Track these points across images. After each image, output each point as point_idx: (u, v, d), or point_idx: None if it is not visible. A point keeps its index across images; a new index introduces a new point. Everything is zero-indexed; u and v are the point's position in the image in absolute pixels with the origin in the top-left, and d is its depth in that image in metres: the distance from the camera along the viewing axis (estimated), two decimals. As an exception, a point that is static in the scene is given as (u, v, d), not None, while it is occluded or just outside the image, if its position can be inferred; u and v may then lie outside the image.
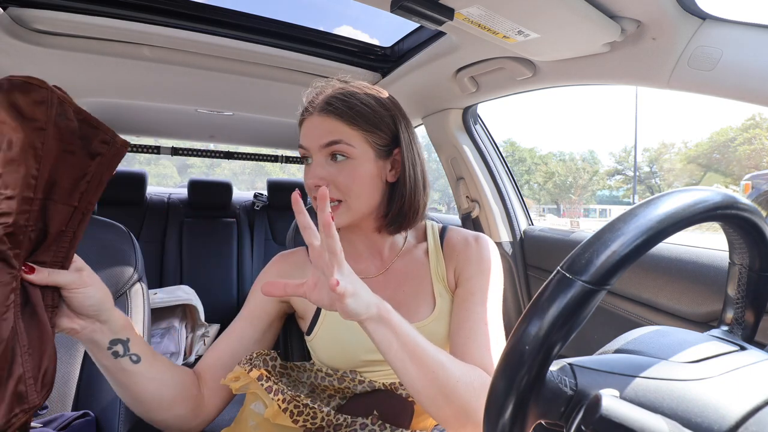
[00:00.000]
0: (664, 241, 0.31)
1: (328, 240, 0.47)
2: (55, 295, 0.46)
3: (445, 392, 0.51)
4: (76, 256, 0.47)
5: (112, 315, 0.50)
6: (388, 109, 0.67)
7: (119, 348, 0.51)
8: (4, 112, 0.38)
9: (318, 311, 0.70)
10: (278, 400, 0.59)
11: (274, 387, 0.60)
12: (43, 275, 0.43)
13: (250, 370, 0.61)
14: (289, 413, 0.58)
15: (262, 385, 0.60)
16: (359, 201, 0.65)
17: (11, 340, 0.39)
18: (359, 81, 0.71)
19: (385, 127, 0.66)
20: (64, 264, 0.46)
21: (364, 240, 0.73)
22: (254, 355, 0.65)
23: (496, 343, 0.61)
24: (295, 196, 0.49)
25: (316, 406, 0.60)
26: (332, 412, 0.61)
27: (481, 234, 0.74)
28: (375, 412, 0.62)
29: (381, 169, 0.67)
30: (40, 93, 0.39)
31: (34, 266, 0.43)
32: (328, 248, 0.48)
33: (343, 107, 0.63)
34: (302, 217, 0.49)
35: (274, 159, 2.49)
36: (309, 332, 0.70)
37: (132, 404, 0.57)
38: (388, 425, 0.61)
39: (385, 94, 0.70)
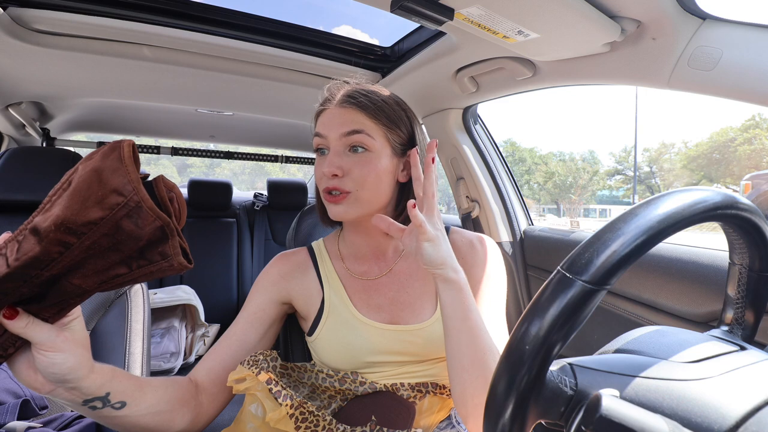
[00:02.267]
0: (664, 241, 0.31)
1: (425, 181, 0.57)
2: (17, 338, 0.40)
3: (486, 376, 0.53)
4: (74, 311, 0.42)
5: (83, 383, 0.44)
6: (405, 110, 0.69)
7: (97, 403, 0.47)
8: (88, 170, 0.35)
9: (320, 312, 0.69)
10: (287, 405, 0.58)
11: (283, 392, 0.59)
12: (20, 324, 0.38)
13: (258, 372, 0.60)
14: (295, 419, 0.58)
15: (271, 390, 0.59)
16: (369, 194, 0.65)
17: None
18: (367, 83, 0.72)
19: (404, 126, 0.68)
20: (51, 317, 0.40)
21: (369, 242, 0.73)
22: (260, 357, 0.64)
23: (502, 345, 0.61)
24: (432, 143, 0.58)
25: (320, 414, 0.60)
26: (333, 420, 0.60)
27: (482, 235, 0.75)
28: (373, 418, 0.61)
29: (395, 167, 0.67)
30: (123, 187, 0.35)
31: (18, 311, 0.38)
32: (424, 189, 0.57)
33: (366, 101, 0.65)
34: (416, 170, 0.59)
35: (274, 159, 2.49)
36: (311, 333, 0.70)
37: None
38: (386, 429, 0.60)
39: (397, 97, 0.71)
